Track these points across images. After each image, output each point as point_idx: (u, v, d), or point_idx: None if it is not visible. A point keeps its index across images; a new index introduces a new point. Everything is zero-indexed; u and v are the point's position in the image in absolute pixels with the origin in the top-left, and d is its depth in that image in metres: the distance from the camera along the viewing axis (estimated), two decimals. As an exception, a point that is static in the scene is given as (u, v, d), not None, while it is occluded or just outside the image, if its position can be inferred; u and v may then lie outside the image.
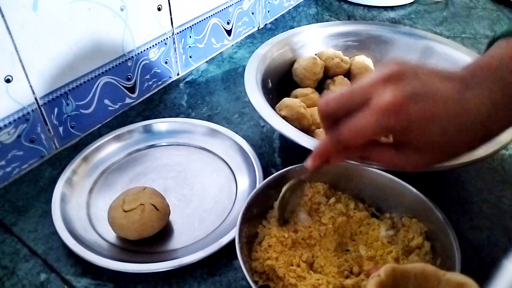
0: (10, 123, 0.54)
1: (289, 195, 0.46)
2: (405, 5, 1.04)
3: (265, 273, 0.43)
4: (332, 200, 0.49)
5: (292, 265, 0.43)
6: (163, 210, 0.50)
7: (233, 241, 0.47)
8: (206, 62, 0.82)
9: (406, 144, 0.37)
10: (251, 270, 0.43)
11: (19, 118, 0.55)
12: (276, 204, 0.47)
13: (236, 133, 0.62)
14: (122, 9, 0.62)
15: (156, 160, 0.60)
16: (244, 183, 0.56)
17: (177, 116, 0.68)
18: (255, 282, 0.42)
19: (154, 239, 0.49)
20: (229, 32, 0.85)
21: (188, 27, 0.75)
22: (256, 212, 0.47)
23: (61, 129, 0.61)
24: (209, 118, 0.67)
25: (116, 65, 0.65)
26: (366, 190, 0.50)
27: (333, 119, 0.37)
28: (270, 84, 0.65)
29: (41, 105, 0.57)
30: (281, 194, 0.46)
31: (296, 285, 0.41)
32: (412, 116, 0.34)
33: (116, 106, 0.68)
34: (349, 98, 0.37)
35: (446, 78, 0.36)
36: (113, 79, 0.66)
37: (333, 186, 0.51)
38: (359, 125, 0.36)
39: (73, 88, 0.60)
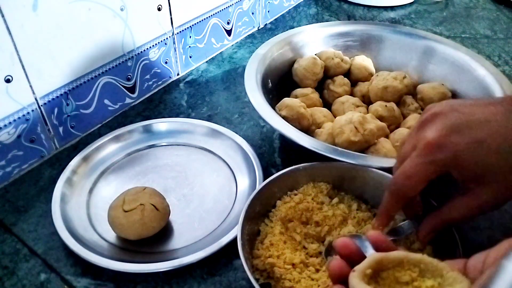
0: (10, 123, 0.54)
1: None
2: (405, 5, 1.04)
3: (266, 271, 0.43)
4: (335, 200, 0.49)
5: (293, 264, 0.43)
6: (163, 210, 0.50)
7: (233, 241, 0.47)
8: (206, 62, 0.82)
9: (469, 181, 0.37)
10: (252, 267, 0.43)
11: (19, 118, 0.55)
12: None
13: (236, 133, 0.62)
14: (122, 9, 0.62)
15: (156, 160, 0.60)
16: (244, 183, 0.56)
17: (177, 116, 0.68)
18: (256, 280, 0.42)
19: (154, 239, 0.49)
20: (229, 32, 0.85)
21: (188, 27, 0.75)
22: (259, 209, 0.47)
23: (61, 129, 0.61)
24: (209, 118, 0.67)
25: (116, 65, 0.65)
26: (370, 191, 0.50)
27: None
28: (270, 84, 0.65)
29: (41, 105, 0.57)
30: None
31: (295, 285, 0.42)
32: (458, 146, 0.35)
33: (116, 106, 0.68)
34: (403, 149, 0.39)
35: (487, 104, 0.36)
36: (113, 79, 0.66)
37: (337, 186, 0.51)
38: (408, 166, 0.37)
39: (73, 88, 0.60)
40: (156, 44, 0.70)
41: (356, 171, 0.49)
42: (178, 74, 0.78)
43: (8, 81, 0.52)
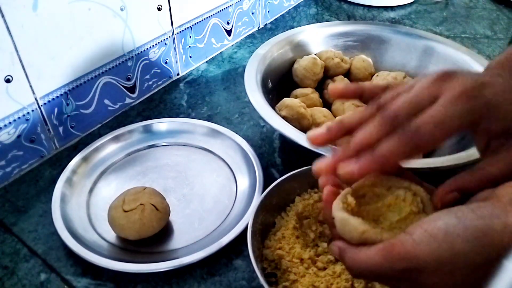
0: (10, 123, 0.54)
1: None
2: (405, 5, 1.04)
3: (274, 262, 0.44)
4: None
5: (301, 259, 0.44)
6: (163, 210, 0.50)
7: (233, 241, 0.48)
8: (206, 62, 0.82)
9: (501, 134, 0.34)
10: (261, 256, 0.44)
11: (19, 118, 0.55)
12: None
13: (236, 133, 0.62)
14: (122, 9, 0.62)
15: (156, 160, 0.60)
16: (244, 183, 0.56)
17: (177, 116, 0.68)
18: (263, 269, 0.43)
19: (154, 239, 0.49)
20: (229, 32, 0.85)
21: (188, 27, 0.75)
22: (276, 202, 0.48)
23: (61, 129, 0.61)
24: (209, 118, 0.67)
25: (116, 65, 0.65)
26: None
27: (397, 121, 0.34)
28: (270, 84, 0.65)
29: (41, 105, 0.57)
30: None
31: (300, 278, 0.42)
32: (490, 95, 0.33)
33: (116, 106, 0.68)
34: (415, 97, 0.34)
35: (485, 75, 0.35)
36: (113, 79, 0.66)
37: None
38: (439, 115, 0.32)
39: (73, 88, 0.60)
40: (156, 44, 0.70)
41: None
42: (178, 74, 0.78)
43: (8, 81, 0.52)
